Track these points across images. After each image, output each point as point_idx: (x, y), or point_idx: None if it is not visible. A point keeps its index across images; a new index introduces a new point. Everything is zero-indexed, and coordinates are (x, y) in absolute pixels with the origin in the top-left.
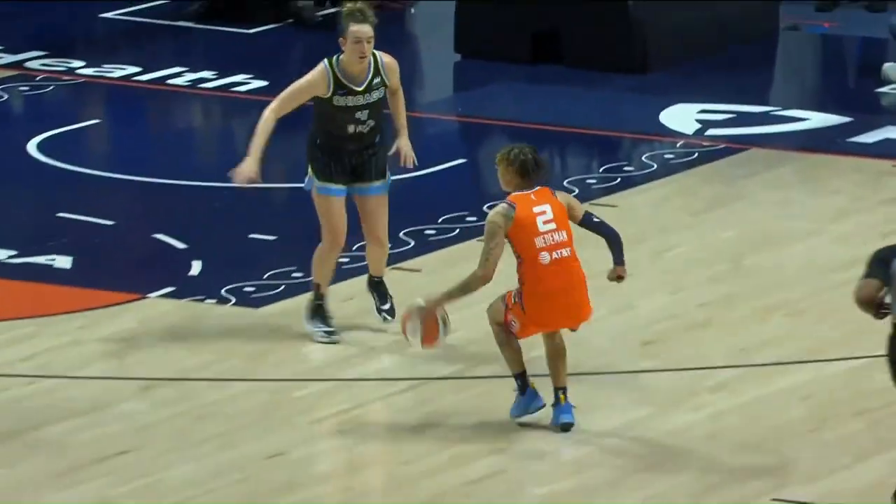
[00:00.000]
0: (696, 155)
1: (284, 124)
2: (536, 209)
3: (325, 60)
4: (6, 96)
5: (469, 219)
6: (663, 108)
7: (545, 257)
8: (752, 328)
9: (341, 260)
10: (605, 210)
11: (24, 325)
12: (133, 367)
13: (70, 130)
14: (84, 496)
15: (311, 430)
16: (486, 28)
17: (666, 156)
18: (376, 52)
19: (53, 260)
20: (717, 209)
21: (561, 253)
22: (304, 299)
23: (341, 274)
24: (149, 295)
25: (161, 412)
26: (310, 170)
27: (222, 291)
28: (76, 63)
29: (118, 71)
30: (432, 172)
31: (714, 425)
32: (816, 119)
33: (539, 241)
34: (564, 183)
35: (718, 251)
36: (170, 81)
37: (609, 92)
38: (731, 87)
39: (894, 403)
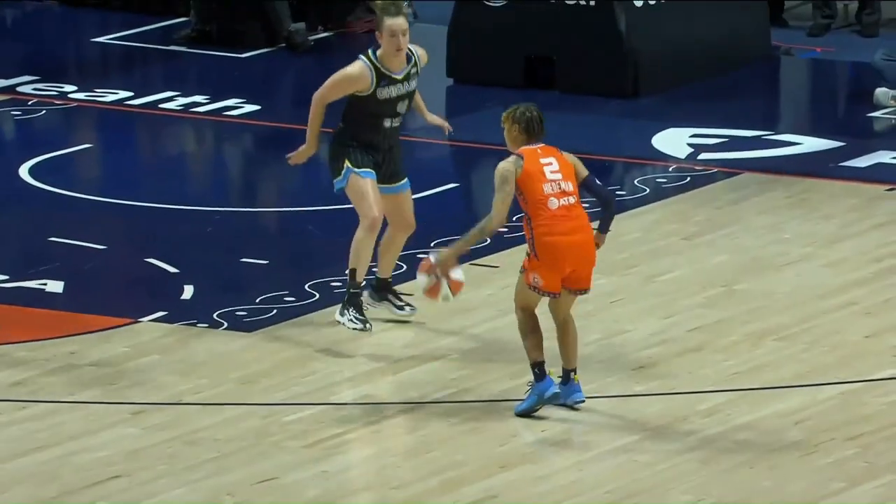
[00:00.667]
0: (689, 179)
1: (278, 151)
2: (543, 160)
3: (362, 56)
4: None
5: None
6: (656, 133)
7: (553, 202)
8: (744, 353)
9: (333, 283)
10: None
11: (16, 349)
12: (125, 392)
13: (62, 155)
14: None
15: (303, 454)
16: (479, 53)
17: (658, 180)
18: (410, 45)
19: (45, 284)
20: (710, 234)
21: (568, 200)
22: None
23: (331, 298)
24: (141, 319)
25: (153, 437)
26: (346, 163)
27: (214, 315)
28: (68, 87)
29: (110, 95)
30: (424, 196)
31: (706, 449)
32: (809, 143)
33: (547, 188)
34: None
35: (711, 276)
36: (162, 106)
37: (602, 117)
38: (723, 111)
39: (887, 428)
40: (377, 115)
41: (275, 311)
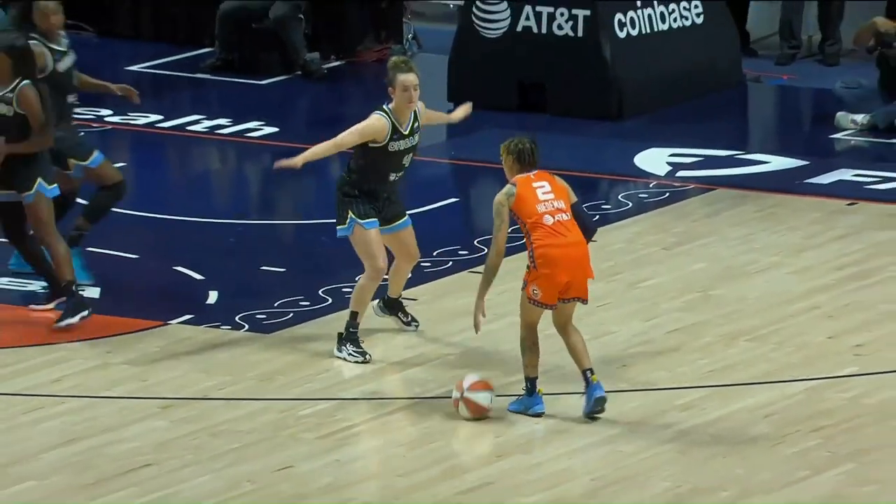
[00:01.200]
0: (668, 195)
1: (295, 170)
2: (535, 184)
3: (379, 111)
4: None
5: (461, 252)
6: (638, 152)
7: (548, 219)
8: (718, 352)
9: (344, 289)
10: None
11: (56, 349)
12: (154, 388)
13: None
14: None
15: (316, 445)
16: (477, 79)
17: (640, 195)
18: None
19: (83, 290)
20: (687, 244)
21: (561, 217)
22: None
23: (343, 303)
24: (169, 322)
25: (180, 429)
26: (350, 213)
27: (236, 318)
28: (105, 111)
29: (142, 118)
30: (427, 210)
31: (683, 441)
32: (776, 162)
33: (541, 207)
34: None
35: (688, 282)
36: (189, 128)
37: (589, 138)
38: (699, 133)
39: (847, 421)
40: (385, 168)
41: (291, 314)
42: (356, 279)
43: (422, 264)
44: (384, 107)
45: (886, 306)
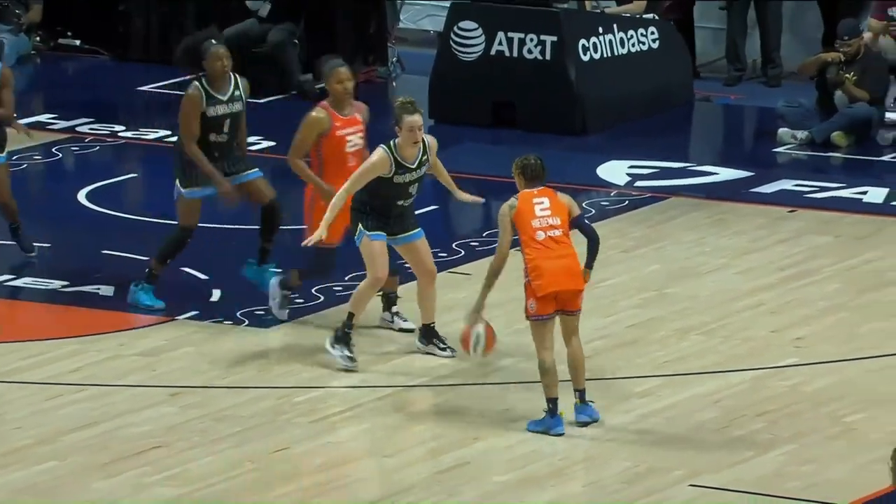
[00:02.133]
0: (627, 202)
1: (290, 180)
2: (536, 200)
3: (383, 147)
4: (60, 155)
5: (441, 254)
6: (599, 164)
7: (540, 235)
8: (672, 345)
9: (335, 288)
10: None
11: (74, 342)
12: (164, 377)
13: (113, 182)
14: (124, 483)
15: (311, 429)
16: (455, 98)
17: (602, 203)
18: (424, 135)
19: (99, 289)
20: (644, 247)
21: (554, 233)
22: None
23: (334, 300)
24: (177, 317)
25: (187, 414)
26: (360, 226)
27: (238, 314)
28: (118, 127)
29: (152, 133)
30: None
31: (641, 424)
32: (725, 173)
33: (535, 223)
34: None
35: (644, 282)
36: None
37: (555, 151)
38: (655, 146)
39: (788, 407)
40: (393, 196)
41: (287, 310)
42: (345, 279)
43: (406, 266)
44: (390, 142)
45: (824, 303)
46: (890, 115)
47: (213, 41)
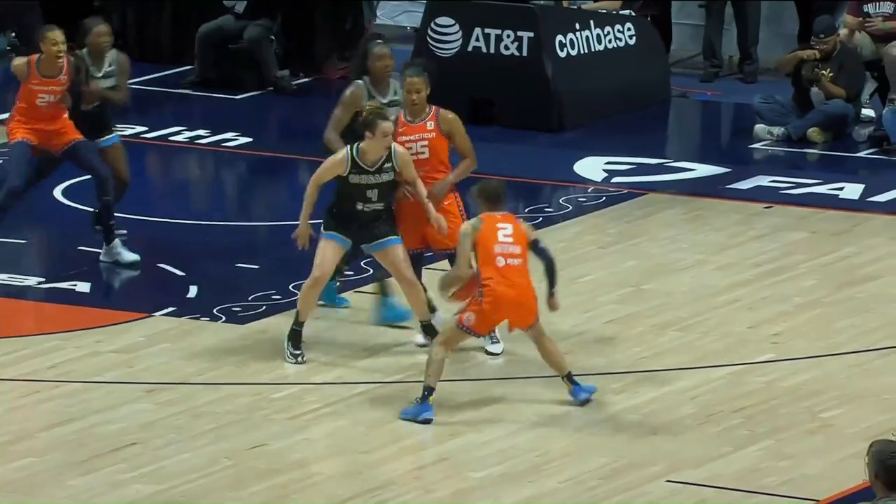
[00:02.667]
0: (604, 199)
1: (267, 175)
2: (500, 225)
3: (347, 147)
4: None
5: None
6: (577, 160)
7: (500, 261)
8: (649, 341)
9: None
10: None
11: (51, 339)
12: (140, 374)
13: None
14: (100, 480)
15: (287, 425)
16: (432, 95)
17: (579, 199)
18: (392, 143)
19: (75, 285)
20: (621, 243)
21: (513, 261)
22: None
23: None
24: (154, 314)
25: (163, 411)
26: (322, 224)
27: (214, 311)
28: None
29: (129, 130)
30: None
31: (619, 421)
32: (701, 169)
33: (497, 248)
34: None
35: (622, 278)
36: (171, 138)
37: (533, 147)
38: (632, 143)
39: (765, 402)
40: (352, 197)
41: (264, 307)
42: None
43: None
44: (354, 145)
45: (800, 299)
46: (866, 112)
47: (380, 41)
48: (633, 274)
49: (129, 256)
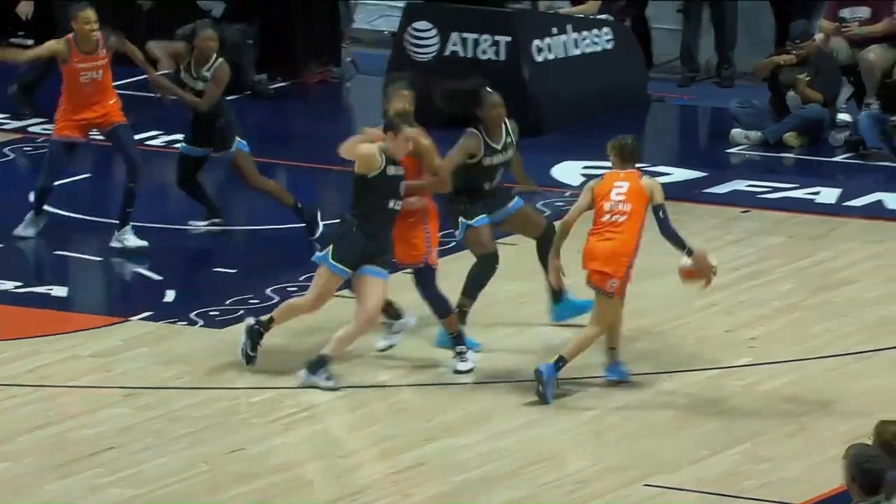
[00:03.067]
0: None
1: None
2: (617, 184)
3: (381, 143)
4: (12, 155)
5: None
6: (554, 164)
7: (605, 217)
8: (628, 345)
9: (290, 289)
10: (507, 247)
11: (28, 343)
12: (118, 378)
13: (65, 183)
14: (78, 484)
15: (265, 429)
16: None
17: (557, 203)
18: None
19: (52, 289)
20: None
21: (618, 218)
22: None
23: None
24: (131, 318)
25: (141, 415)
26: (330, 248)
27: (192, 315)
28: None
29: None
30: None
31: (598, 424)
32: (678, 174)
33: (606, 205)
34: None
35: None
36: (148, 142)
37: None
38: None
39: (742, 406)
40: (383, 194)
41: (241, 311)
42: (300, 279)
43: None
44: (381, 143)
45: (777, 303)
46: (842, 117)
47: (488, 89)
48: None
49: (136, 242)
